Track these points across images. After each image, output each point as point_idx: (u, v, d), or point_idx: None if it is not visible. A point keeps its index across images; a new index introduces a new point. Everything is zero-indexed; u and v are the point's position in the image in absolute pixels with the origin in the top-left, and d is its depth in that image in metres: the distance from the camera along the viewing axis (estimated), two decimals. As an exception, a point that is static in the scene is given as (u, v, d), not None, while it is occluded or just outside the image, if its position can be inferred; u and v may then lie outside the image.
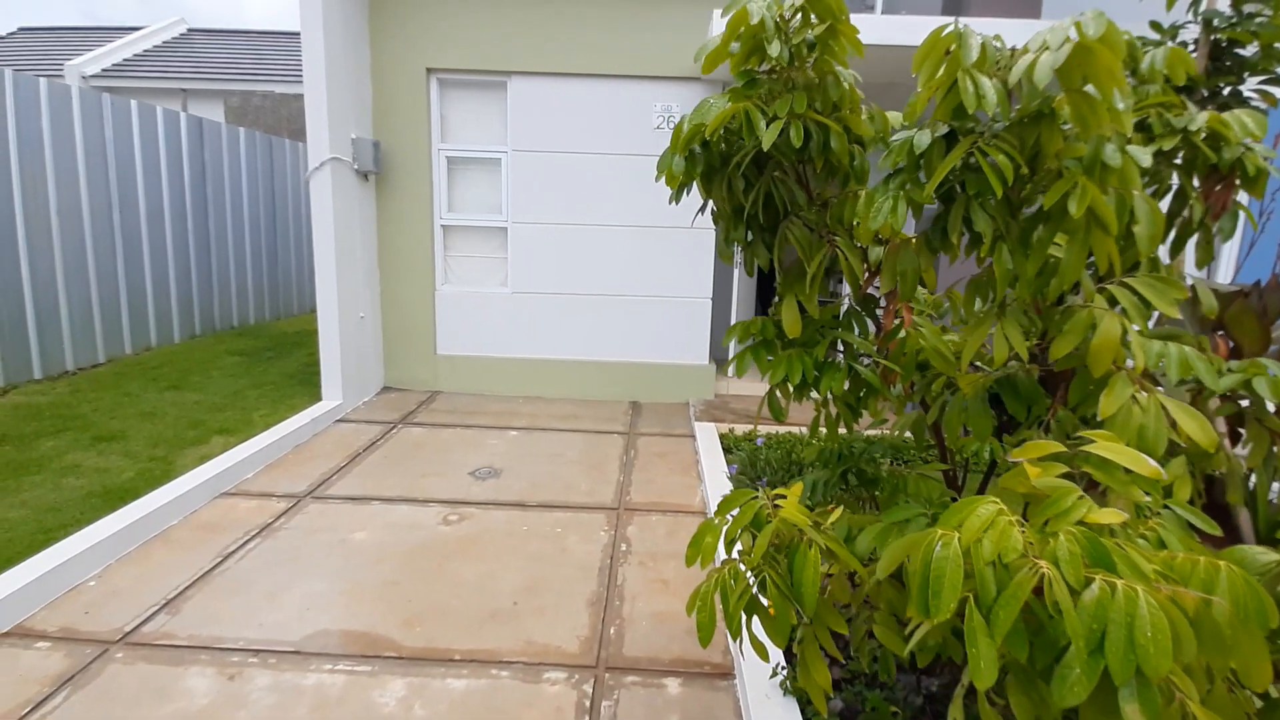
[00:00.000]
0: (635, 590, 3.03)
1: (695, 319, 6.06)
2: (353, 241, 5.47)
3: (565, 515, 3.78)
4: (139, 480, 3.89)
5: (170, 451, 4.31)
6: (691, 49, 5.53)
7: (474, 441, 4.92)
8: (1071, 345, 1.27)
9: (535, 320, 6.09)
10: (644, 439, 5.13)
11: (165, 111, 6.83)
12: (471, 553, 3.32)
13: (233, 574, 3.05)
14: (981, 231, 1.24)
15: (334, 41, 5.01)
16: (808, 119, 1.47)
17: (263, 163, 8.67)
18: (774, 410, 1.97)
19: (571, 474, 4.37)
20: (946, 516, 0.95)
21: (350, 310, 5.47)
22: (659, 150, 5.87)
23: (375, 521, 3.61)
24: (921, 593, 0.87)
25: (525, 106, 5.74)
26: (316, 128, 5.00)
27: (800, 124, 1.44)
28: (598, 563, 3.27)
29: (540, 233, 5.94)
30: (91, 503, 3.60)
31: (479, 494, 4.01)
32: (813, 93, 1.52)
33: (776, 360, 1.76)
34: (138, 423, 4.75)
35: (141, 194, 6.62)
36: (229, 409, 5.15)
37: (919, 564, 0.89)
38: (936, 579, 0.86)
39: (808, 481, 2.10)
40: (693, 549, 1.52)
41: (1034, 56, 1.15)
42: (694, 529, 3.59)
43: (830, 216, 1.71)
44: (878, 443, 2.03)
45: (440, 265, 6.05)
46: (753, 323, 1.91)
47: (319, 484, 4.06)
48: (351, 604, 2.85)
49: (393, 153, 5.76)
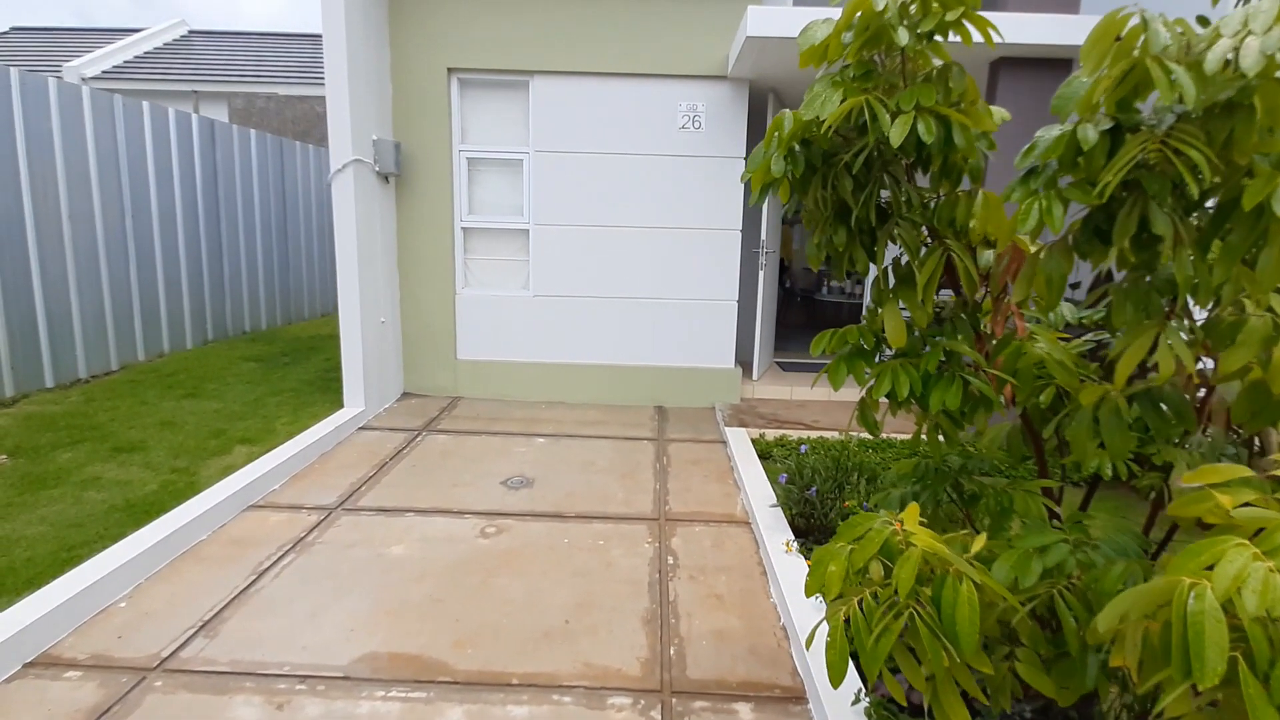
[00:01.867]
0: (689, 606, 2.91)
1: (721, 322, 5.94)
2: (374, 245, 5.34)
3: (606, 527, 3.66)
4: (163, 493, 3.76)
5: (193, 462, 4.18)
6: (719, 48, 5.42)
7: (502, 449, 4.80)
8: (1245, 359, 1.16)
9: (558, 324, 5.97)
10: (675, 445, 5.01)
11: (177, 113, 6.70)
12: (515, 567, 3.20)
13: (269, 593, 2.92)
14: (1162, 234, 1.12)
15: (355, 42, 4.89)
16: (936, 112, 1.36)
17: (273, 165, 8.54)
18: (867, 423, 1.85)
19: (606, 483, 4.25)
20: (1180, 561, 0.84)
21: (372, 315, 5.34)
22: (684, 150, 5.81)
23: (411, 535, 3.48)
24: (1180, 653, 0.76)
25: (547, 106, 5.62)
26: (339, 129, 4.88)
27: (930, 119, 1.33)
28: (646, 577, 3.14)
29: (563, 235, 5.83)
30: (115, 517, 3.47)
31: (514, 504, 3.89)
32: (933, 86, 1.40)
33: (880, 372, 1.65)
34: (157, 432, 4.62)
35: (154, 197, 6.49)
36: (250, 417, 5.02)
37: (1174, 619, 0.77)
38: (1196, 637, 0.75)
39: (893, 498, 1.98)
40: (813, 578, 1.40)
41: (1233, 41, 1.03)
42: (740, 540, 3.47)
43: (937, 218, 1.59)
44: (975, 457, 1.92)
45: (461, 268, 5.93)
46: (848, 330, 1.79)
47: (349, 495, 3.94)
48: (397, 624, 2.72)
49: (413, 154, 5.64)
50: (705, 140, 5.64)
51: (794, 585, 2.91)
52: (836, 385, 1.76)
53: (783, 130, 1.57)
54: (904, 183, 1.64)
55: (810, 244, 1.87)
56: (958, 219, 1.55)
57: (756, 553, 3.40)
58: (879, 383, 1.64)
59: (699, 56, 5.48)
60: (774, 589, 3.04)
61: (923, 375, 1.61)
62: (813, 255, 1.86)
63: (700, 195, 5.72)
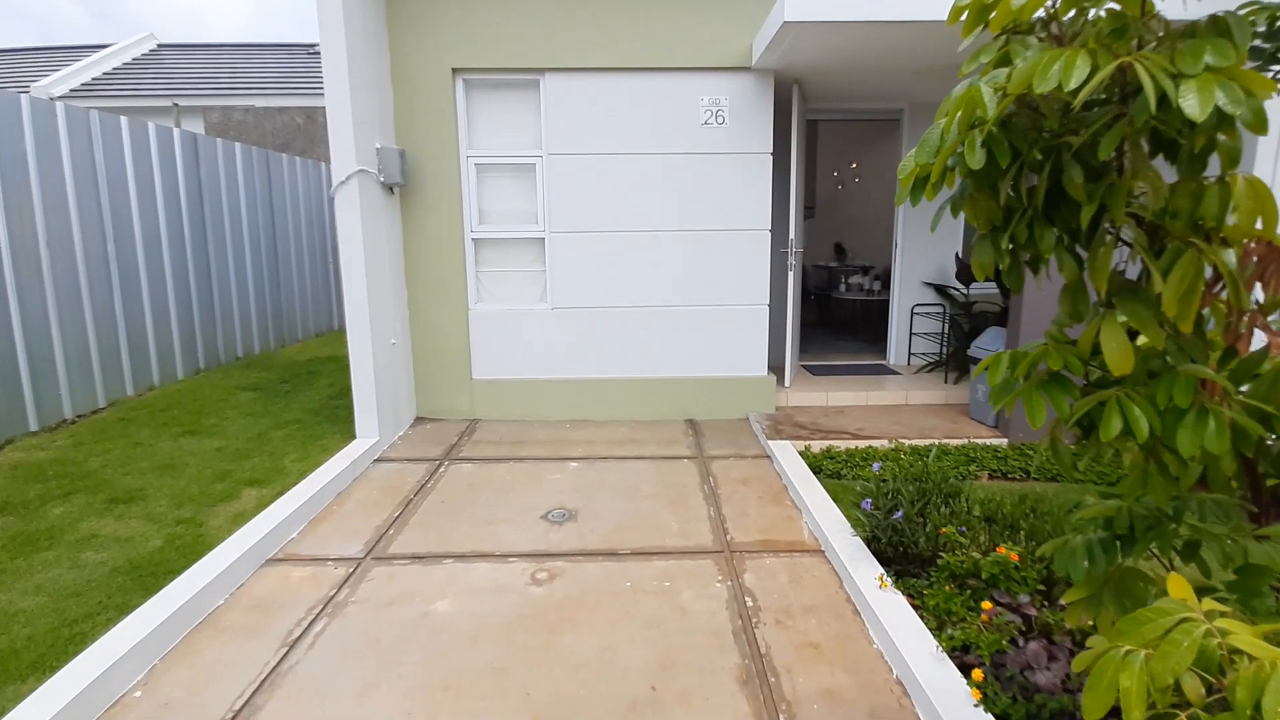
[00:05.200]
0: (787, 660, 2.58)
1: (753, 327, 5.62)
2: (381, 261, 4.96)
3: (667, 564, 3.32)
4: (169, 550, 3.37)
5: (198, 511, 3.78)
6: (742, 38, 5.11)
7: (533, 477, 4.44)
8: None
9: (578, 337, 5.62)
10: (718, 463, 4.68)
11: (158, 128, 6.26)
12: (578, 620, 2.85)
13: (306, 670, 2.55)
14: None
15: (355, 44, 4.51)
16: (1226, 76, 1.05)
17: (260, 179, 8.11)
18: (1062, 463, 1.53)
19: (655, 511, 3.91)
20: None
21: (383, 337, 4.96)
22: (708, 148, 5.46)
23: (454, 586, 3.12)
24: None
25: (560, 106, 5.27)
26: (341, 138, 4.50)
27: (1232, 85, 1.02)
28: (728, 625, 2.81)
29: (581, 242, 5.48)
30: (118, 582, 3.08)
31: (560, 542, 3.54)
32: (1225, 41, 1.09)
33: (1106, 410, 1.32)
34: (156, 478, 4.21)
35: (136, 219, 6.05)
36: (255, 455, 4.62)
37: None
38: None
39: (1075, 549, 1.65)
40: (1090, 696, 1.07)
41: None
42: (817, 573, 3.11)
43: (1173, 212, 1.28)
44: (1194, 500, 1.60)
45: (473, 282, 5.56)
46: (1037, 351, 1.46)
47: (376, 541, 3.57)
48: (461, 703, 2.36)
49: (418, 163, 5.26)
50: (730, 136, 5.31)
51: (899, 628, 2.59)
52: (1037, 423, 1.44)
53: (982, 108, 1.24)
54: (1150, 172, 1.32)
55: (980, 251, 1.54)
56: (1205, 213, 1.24)
57: (841, 588, 3.08)
58: (1106, 422, 1.32)
59: (720, 48, 5.15)
60: (874, 633, 2.72)
61: (1165, 410, 1.29)
62: (983, 264, 1.53)
63: (727, 194, 5.40)
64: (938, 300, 6.76)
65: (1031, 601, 2.65)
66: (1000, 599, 2.69)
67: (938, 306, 6.75)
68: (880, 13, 4.02)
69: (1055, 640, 2.50)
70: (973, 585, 2.84)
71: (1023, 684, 2.26)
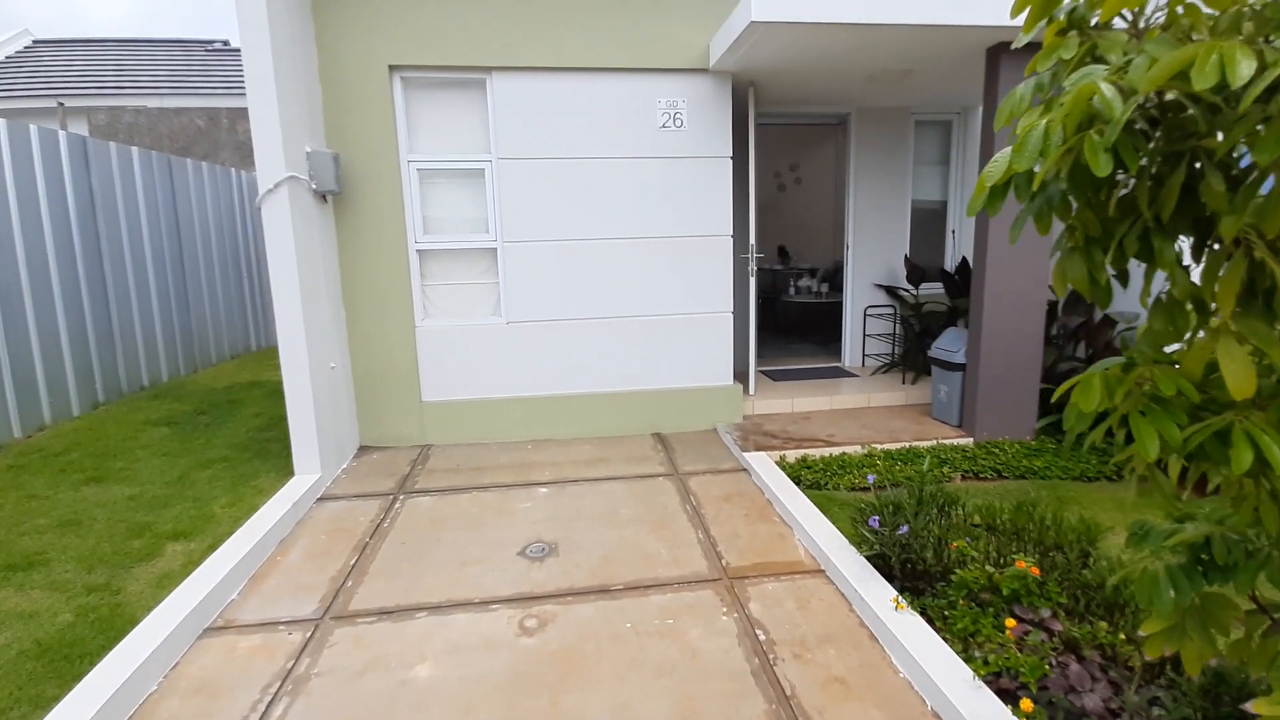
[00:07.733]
0: (816, 701, 2.40)
1: (717, 336, 5.47)
2: (316, 277, 4.49)
3: (665, 599, 3.08)
4: (81, 625, 2.86)
5: (113, 575, 3.25)
6: (699, 39, 4.95)
7: (501, 507, 4.10)
8: None
9: (536, 352, 5.30)
10: (695, 479, 4.48)
11: (41, 130, 5.50)
12: (582, 674, 2.57)
13: (270, 767, 2.16)
14: None
15: (280, 38, 4.05)
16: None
17: (163, 187, 7.31)
18: (1165, 496, 1.41)
19: (640, 537, 3.67)
20: None
21: (321, 360, 4.49)
22: (667, 152, 5.25)
23: (433, 645, 2.77)
24: None
25: (510, 107, 4.95)
26: (268, 142, 4.02)
27: None
28: (745, 665, 2.60)
29: (535, 252, 5.17)
30: (27, 670, 2.57)
31: (545, 581, 3.24)
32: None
33: (1235, 440, 1.19)
34: (59, 537, 3.61)
35: (18, 234, 5.28)
36: (176, 502, 4.06)
37: None
38: None
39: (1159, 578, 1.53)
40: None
41: None
42: (823, 595, 2.95)
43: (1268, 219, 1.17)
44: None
45: (419, 297, 5.14)
46: (1130, 374, 1.32)
47: (333, 596, 3.15)
48: (463, 792, 2.05)
49: (353, 168, 4.81)
50: (689, 140, 5.14)
51: (925, 655, 2.46)
52: (1150, 454, 1.30)
53: (1107, 107, 1.08)
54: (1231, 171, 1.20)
55: (1071, 265, 1.39)
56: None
57: (851, 611, 2.93)
58: (1237, 454, 1.19)
59: (677, 48, 4.97)
60: (899, 661, 2.57)
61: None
62: (1077, 279, 1.39)
63: (688, 199, 5.22)
64: (889, 301, 6.83)
65: (1054, 616, 2.58)
66: (1022, 615, 2.61)
67: (889, 308, 6.82)
68: (847, 14, 3.94)
69: (1084, 656, 2.43)
70: (985, 600, 2.76)
71: (1068, 709, 2.16)
